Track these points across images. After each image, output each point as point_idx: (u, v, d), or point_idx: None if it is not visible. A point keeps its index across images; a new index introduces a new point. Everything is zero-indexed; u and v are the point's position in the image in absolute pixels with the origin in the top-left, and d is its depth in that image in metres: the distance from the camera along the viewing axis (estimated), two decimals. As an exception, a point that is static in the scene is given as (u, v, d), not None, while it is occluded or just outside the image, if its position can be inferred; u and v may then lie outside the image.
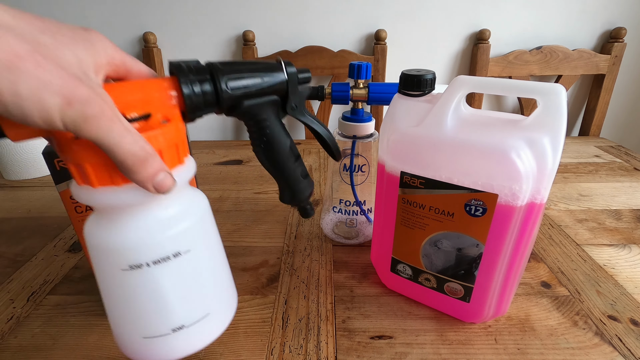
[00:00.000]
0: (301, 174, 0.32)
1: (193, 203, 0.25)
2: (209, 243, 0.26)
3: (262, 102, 0.27)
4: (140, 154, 0.18)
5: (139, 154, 0.18)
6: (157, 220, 0.23)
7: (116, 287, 0.24)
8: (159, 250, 0.22)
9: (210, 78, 0.24)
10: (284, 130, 0.30)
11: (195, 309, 0.25)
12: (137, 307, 0.24)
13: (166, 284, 0.24)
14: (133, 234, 0.22)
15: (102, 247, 0.22)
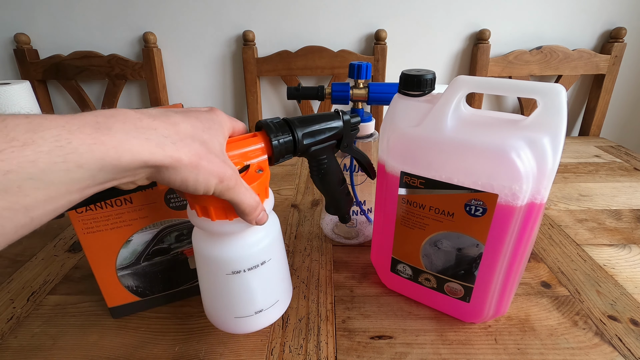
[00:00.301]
0: (345, 194, 0.41)
1: (272, 224, 0.33)
2: (281, 252, 0.35)
3: (324, 146, 0.35)
4: (253, 205, 0.27)
5: (252, 205, 0.27)
6: (250, 240, 0.31)
7: (220, 286, 0.32)
8: (252, 260, 0.31)
9: (290, 132, 0.32)
10: (337, 164, 0.38)
11: (270, 298, 0.35)
12: (233, 298, 0.33)
13: (254, 283, 0.32)
14: (235, 250, 0.31)
15: (212, 258, 0.31)
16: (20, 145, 0.16)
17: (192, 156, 0.22)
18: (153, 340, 0.39)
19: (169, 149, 0.21)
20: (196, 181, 0.23)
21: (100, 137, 0.18)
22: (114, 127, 0.19)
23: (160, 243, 0.40)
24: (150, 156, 0.20)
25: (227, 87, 1.08)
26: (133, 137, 0.19)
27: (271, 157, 0.31)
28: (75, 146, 0.17)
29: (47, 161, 0.16)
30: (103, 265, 0.38)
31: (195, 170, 0.22)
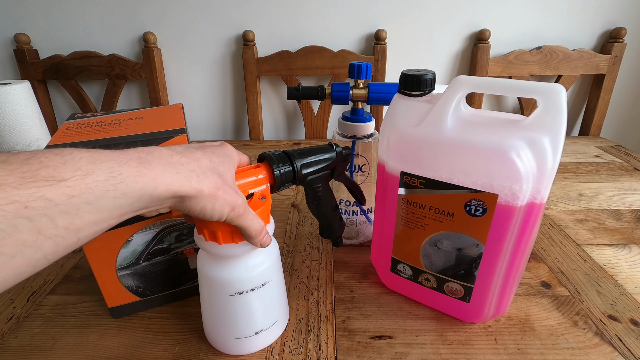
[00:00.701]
0: (338, 219, 0.44)
1: (272, 248, 0.36)
2: (279, 274, 0.38)
3: (320, 175, 0.38)
4: (259, 229, 0.30)
5: (258, 229, 0.30)
6: (253, 263, 0.34)
7: (223, 307, 0.34)
8: (254, 281, 0.34)
9: (290, 163, 0.35)
10: (330, 192, 0.41)
11: (270, 318, 0.37)
12: (235, 319, 0.35)
13: (256, 304, 0.35)
14: (239, 272, 0.33)
15: (217, 280, 0.33)
16: (83, 175, 0.19)
17: (212, 187, 0.25)
18: (153, 340, 0.39)
19: (194, 181, 0.24)
20: (213, 209, 0.26)
21: (142, 170, 0.21)
22: (153, 162, 0.22)
23: (160, 243, 0.40)
24: (180, 188, 0.23)
25: (227, 87, 1.08)
26: (167, 171, 0.22)
27: (273, 185, 0.35)
28: (124, 177, 0.20)
29: (101, 189, 0.19)
30: (103, 265, 0.38)
31: (213, 199, 0.25)
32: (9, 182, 0.17)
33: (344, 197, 0.51)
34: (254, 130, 1.07)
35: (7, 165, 0.17)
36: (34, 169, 0.18)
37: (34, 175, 0.18)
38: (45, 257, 0.19)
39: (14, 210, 0.16)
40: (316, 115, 1.06)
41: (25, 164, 0.18)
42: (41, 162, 0.18)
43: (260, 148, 0.96)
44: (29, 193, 0.17)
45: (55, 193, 0.18)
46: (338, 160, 0.39)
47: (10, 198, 0.16)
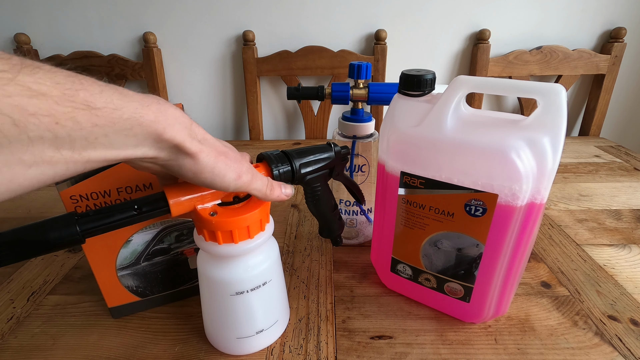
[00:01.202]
0: (337, 219, 0.44)
1: (271, 248, 0.36)
2: (279, 273, 0.38)
3: (318, 175, 0.38)
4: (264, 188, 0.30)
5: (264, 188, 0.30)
6: (253, 262, 0.34)
7: (223, 307, 0.34)
8: (254, 281, 0.34)
9: (288, 163, 0.35)
10: (329, 191, 0.41)
11: (270, 318, 0.37)
12: (235, 318, 0.35)
13: (256, 303, 0.35)
14: (239, 272, 0.33)
15: (217, 280, 0.33)
16: (113, 109, 0.20)
17: (211, 152, 0.25)
18: (153, 340, 0.39)
19: (196, 142, 0.25)
20: (212, 172, 0.26)
21: (159, 116, 0.22)
22: (168, 112, 0.23)
23: (160, 243, 0.40)
24: (183, 141, 0.23)
25: (227, 87, 1.08)
26: (177, 124, 0.23)
27: None
28: (143, 120, 0.21)
29: (121, 126, 0.20)
30: (103, 265, 0.38)
31: (212, 165, 0.25)
32: (52, 94, 0.17)
33: (343, 197, 0.51)
34: (254, 130, 1.07)
35: (54, 76, 0.18)
36: (76, 89, 0.18)
37: (74, 95, 0.18)
38: (54, 177, 0.19)
39: (47, 123, 0.17)
40: (316, 115, 1.06)
41: (69, 81, 0.18)
42: (82, 84, 0.19)
43: (260, 148, 0.96)
44: (64, 111, 0.18)
45: (85, 118, 0.18)
46: (337, 160, 0.39)
47: (49, 110, 0.17)
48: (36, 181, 0.18)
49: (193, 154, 0.24)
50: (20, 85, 0.16)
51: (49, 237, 0.23)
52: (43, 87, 0.17)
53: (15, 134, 0.16)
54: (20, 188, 0.18)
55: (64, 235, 0.24)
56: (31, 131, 0.17)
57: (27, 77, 0.17)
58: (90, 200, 0.35)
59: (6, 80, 0.16)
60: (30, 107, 0.16)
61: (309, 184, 0.38)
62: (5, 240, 0.22)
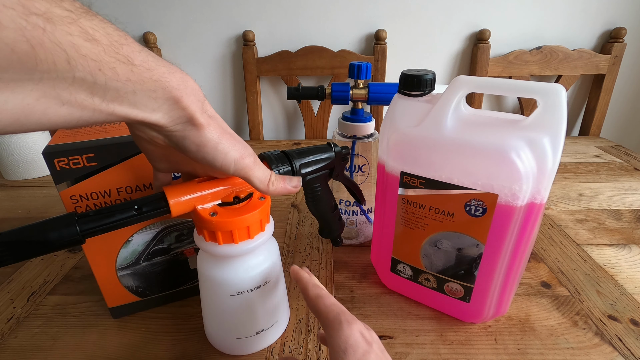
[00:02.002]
0: (337, 219, 0.44)
1: (271, 248, 0.36)
2: (280, 274, 0.38)
3: (318, 175, 0.38)
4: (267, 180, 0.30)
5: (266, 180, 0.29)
6: (253, 263, 0.34)
7: (224, 307, 0.34)
8: (254, 281, 0.34)
9: (289, 163, 0.35)
10: (329, 191, 0.41)
11: (271, 318, 0.37)
12: (235, 319, 0.35)
13: (256, 304, 0.35)
14: (239, 272, 0.33)
15: (217, 280, 0.33)
16: (147, 69, 0.21)
17: (218, 128, 0.26)
18: (153, 340, 0.39)
19: (206, 116, 0.25)
20: (215, 148, 0.25)
21: (181, 84, 0.23)
22: (188, 82, 0.24)
23: (160, 243, 0.40)
24: (195, 112, 0.24)
25: (227, 87, 1.08)
26: (193, 95, 0.24)
27: None
28: (167, 85, 0.22)
29: (149, 87, 0.21)
30: (103, 265, 0.38)
31: (218, 138, 0.26)
32: (103, 42, 0.18)
33: (343, 197, 0.51)
34: (254, 130, 1.07)
35: (106, 26, 0.19)
36: (121, 42, 0.20)
37: (118, 48, 0.19)
38: (78, 121, 0.20)
39: (92, 67, 0.18)
40: (316, 115, 1.06)
41: (116, 34, 0.20)
42: (126, 39, 0.20)
43: (260, 148, 0.96)
44: (108, 60, 0.19)
45: (123, 71, 0.20)
46: (337, 160, 0.39)
47: (97, 56, 0.18)
48: (63, 120, 0.19)
49: (201, 125, 0.25)
50: (80, 27, 0.17)
51: (49, 237, 0.23)
52: (97, 34, 0.18)
53: (65, 70, 0.17)
54: (48, 122, 0.19)
55: (64, 235, 0.24)
56: (78, 71, 0.18)
57: (87, 21, 0.18)
58: (90, 200, 0.35)
59: (71, 20, 0.17)
60: (83, 49, 0.17)
61: (309, 184, 0.38)
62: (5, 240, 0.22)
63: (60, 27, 0.16)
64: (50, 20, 0.16)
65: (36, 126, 0.18)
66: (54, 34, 0.16)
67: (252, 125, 1.07)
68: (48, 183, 0.75)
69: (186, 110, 0.24)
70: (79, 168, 0.33)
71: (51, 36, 0.16)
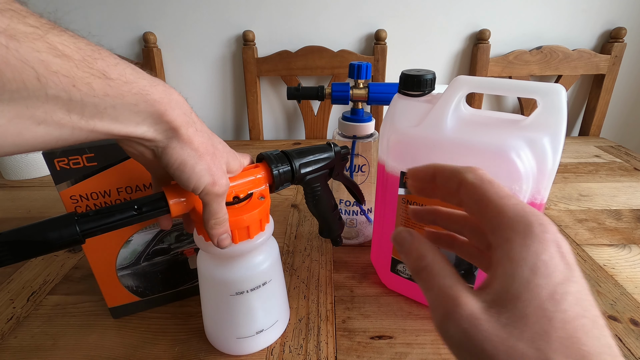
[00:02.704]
0: (337, 219, 0.43)
1: (271, 248, 0.36)
2: (279, 274, 0.38)
3: (318, 175, 0.38)
4: (223, 221, 0.28)
5: (222, 220, 0.28)
6: (253, 262, 0.34)
7: (224, 307, 0.34)
8: (254, 281, 0.34)
9: (288, 163, 0.35)
10: (329, 191, 0.41)
11: (271, 318, 0.37)
12: (235, 318, 0.35)
13: (256, 303, 0.35)
14: (239, 272, 0.33)
15: (217, 280, 0.33)
16: (125, 82, 0.20)
17: (201, 145, 0.25)
18: (153, 340, 0.39)
19: (192, 130, 0.25)
20: (192, 169, 0.25)
21: (164, 97, 0.23)
22: (172, 95, 0.24)
23: (160, 243, 0.40)
24: (180, 126, 0.24)
25: (227, 87, 1.08)
26: (178, 108, 0.24)
27: (272, 185, 0.35)
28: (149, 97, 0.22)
29: (130, 100, 0.21)
30: (103, 265, 0.38)
31: (198, 158, 0.25)
32: (74, 57, 0.18)
33: (343, 197, 0.51)
34: (254, 130, 1.07)
35: (77, 41, 0.18)
36: (94, 57, 0.19)
37: (92, 62, 0.19)
38: (57, 141, 0.19)
39: (65, 83, 0.17)
40: (316, 115, 1.06)
41: (89, 48, 0.19)
42: (100, 53, 0.20)
43: (260, 148, 0.96)
44: (82, 75, 0.18)
45: (99, 85, 0.19)
46: (336, 160, 0.39)
47: (69, 72, 0.18)
48: (41, 140, 0.19)
49: (186, 140, 0.24)
50: (48, 43, 0.17)
51: (49, 237, 0.23)
52: (67, 49, 0.18)
53: (36, 88, 0.17)
54: (25, 144, 0.18)
55: (64, 235, 0.24)
56: (50, 88, 0.17)
57: (55, 37, 0.17)
58: (90, 200, 0.35)
59: (37, 36, 0.16)
60: (53, 65, 0.17)
61: (309, 184, 0.38)
62: (5, 240, 0.22)
63: (25, 43, 0.16)
64: (14, 37, 0.15)
65: (13, 148, 0.18)
66: (18, 51, 0.16)
67: (252, 125, 1.07)
68: (48, 183, 0.75)
69: (171, 123, 0.23)
70: (79, 168, 0.33)
71: (16, 54, 0.16)
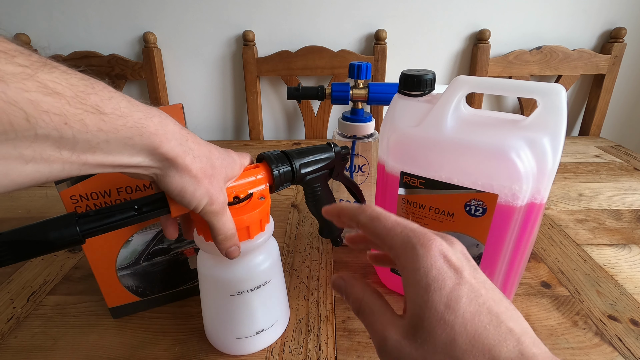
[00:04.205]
0: None
1: (272, 248, 0.36)
2: (280, 274, 0.38)
3: (318, 175, 0.38)
4: (228, 235, 0.29)
5: (227, 235, 0.29)
6: (253, 263, 0.34)
7: (224, 307, 0.34)
8: (254, 281, 0.34)
9: (289, 163, 0.35)
10: (329, 191, 0.41)
11: (271, 318, 0.37)
12: (235, 318, 0.35)
13: (256, 303, 0.35)
14: (239, 272, 0.33)
15: (217, 280, 0.33)
16: (119, 116, 0.20)
17: (200, 171, 0.26)
18: (153, 340, 0.39)
19: (189, 159, 0.25)
20: (192, 194, 0.26)
21: (159, 129, 0.22)
22: (168, 126, 0.23)
23: (160, 243, 0.40)
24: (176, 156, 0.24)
25: (227, 87, 1.08)
26: (174, 139, 0.24)
27: (272, 185, 0.35)
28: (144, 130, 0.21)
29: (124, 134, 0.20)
30: (103, 265, 0.38)
31: (196, 183, 0.25)
32: (66, 94, 0.17)
33: (343, 197, 0.51)
34: (254, 130, 1.07)
35: (69, 77, 0.18)
36: (88, 92, 0.19)
37: (85, 98, 0.18)
38: (48, 177, 0.19)
39: (56, 122, 0.17)
40: (316, 115, 1.06)
41: (82, 84, 0.18)
42: (94, 87, 0.19)
43: (260, 148, 0.96)
44: (75, 112, 0.18)
45: (92, 121, 0.19)
46: (337, 160, 0.39)
47: (61, 110, 0.17)
48: (30, 178, 0.18)
49: (184, 169, 0.24)
50: (38, 82, 0.16)
51: (49, 237, 0.23)
52: (58, 87, 0.17)
53: (24, 129, 0.16)
54: (12, 184, 0.18)
55: (64, 235, 0.24)
56: (40, 128, 0.17)
57: (46, 75, 0.17)
58: (90, 200, 0.35)
59: (26, 76, 0.16)
60: (44, 104, 0.16)
61: (309, 184, 0.38)
62: (5, 240, 0.22)
63: (13, 84, 0.15)
64: (1, 80, 0.15)
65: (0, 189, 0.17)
66: (6, 93, 0.15)
67: (252, 125, 1.07)
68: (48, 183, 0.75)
69: (167, 154, 0.23)
70: (79, 168, 0.33)
71: (3, 96, 0.15)
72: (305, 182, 0.38)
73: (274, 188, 0.35)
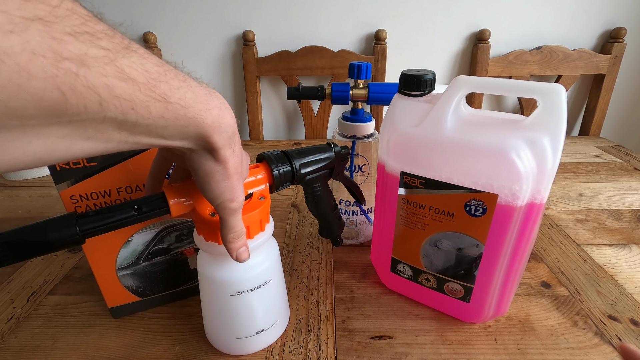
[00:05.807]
0: (337, 219, 0.44)
1: (272, 248, 0.36)
2: (279, 274, 0.38)
3: (318, 175, 0.38)
4: (240, 234, 0.29)
5: (239, 234, 0.29)
6: (253, 263, 0.34)
7: (224, 307, 0.34)
8: (254, 281, 0.34)
9: (288, 163, 0.35)
10: (329, 191, 0.41)
11: (271, 318, 0.37)
12: (235, 319, 0.35)
13: (256, 304, 0.35)
14: (239, 272, 0.33)
15: (217, 280, 0.33)
16: (182, 107, 0.20)
17: (233, 167, 0.26)
18: (153, 340, 0.39)
19: (229, 152, 0.25)
20: (217, 184, 0.26)
21: (215, 121, 0.23)
22: (224, 119, 0.24)
23: (160, 243, 0.40)
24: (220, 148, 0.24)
25: (227, 87, 1.08)
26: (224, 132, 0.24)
27: (272, 185, 0.35)
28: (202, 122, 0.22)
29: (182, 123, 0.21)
30: (103, 265, 0.38)
31: (226, 176, 0.25)
32: (139, 80, 0.18)
33: (343, 197, 0.51)
34: (254, 130, 1.07)
35: (145, 63, 0.18)
36: (159, 79, 0.19)
37: (156, 86, 0.19)
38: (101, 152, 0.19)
39: (125, 107, 0.17)
40: (316, 115, 1.06)
41: (154, 70, 0.19)
42: (165, 75, 0.19)
43: (260, 148, 0.96)
44: (143, 99, 0.18)
45: (156, 109, 0.19)
46: (337, 160, 0.39)
47: (131, 95, 0.17)
48: (87, 153, 0.18)
49: (221, 161, 0.25)
50: (117, 66, 0.16)
51: (49, 237, 0.23)
52: (134, 72, 0.17)
53: (95, 112, 0.16)
54: (70, 156, 0.18)
55: (64, 235, 0.24)
56: (110, 112, 0.17)
57: (125, 59, 0.17)
58: (90, 200, 0.35)
59: (108, 60, 0.16)
60: (117, 89, 0.17)
61: (309, 184, 0.38)
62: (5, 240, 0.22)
63: (94, 69, 0.15)
64: (84, 64, 0.15)
65: (57, 161, 0.18)
66: (87, 78, 0.15)
67: (252, 125, 1.07)
68: (48, 183, 0.75)
69: (214, 145, 0.23)
70: (79, 168, 0.33)
71: (84, 80, 0.15)
72: (305, 182, 0.38)
73: (274, 188, 0.35)
